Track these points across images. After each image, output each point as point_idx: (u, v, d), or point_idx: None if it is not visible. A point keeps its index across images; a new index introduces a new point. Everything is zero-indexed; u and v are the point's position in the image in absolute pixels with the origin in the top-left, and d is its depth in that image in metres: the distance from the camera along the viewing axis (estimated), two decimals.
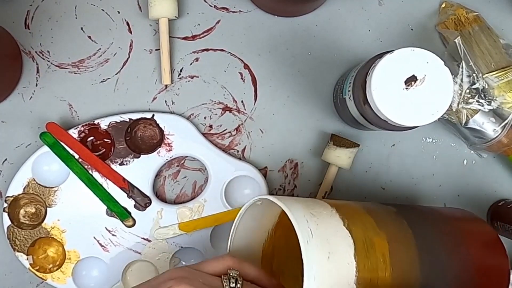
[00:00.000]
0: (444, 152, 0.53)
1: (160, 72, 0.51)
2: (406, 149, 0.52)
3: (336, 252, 0.33)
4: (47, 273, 0.49)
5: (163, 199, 0.52)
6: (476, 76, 0.47)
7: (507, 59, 0.49)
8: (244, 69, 0.52)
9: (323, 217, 0.35)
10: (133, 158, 0.50)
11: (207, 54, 0.52)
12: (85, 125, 0.49)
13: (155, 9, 0.49)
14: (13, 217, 0.49)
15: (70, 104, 0.51)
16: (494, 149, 0.49)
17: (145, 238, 0.50)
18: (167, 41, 0.49)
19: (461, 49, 0.48)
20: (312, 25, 0.52)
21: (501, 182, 0.53)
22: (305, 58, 0.52)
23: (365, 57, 0.49)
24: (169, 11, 0.49)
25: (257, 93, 0.52)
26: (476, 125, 0.48)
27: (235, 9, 0.52)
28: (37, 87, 0.51)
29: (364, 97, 0.40)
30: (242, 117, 0.52)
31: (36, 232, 0.49)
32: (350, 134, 0.52)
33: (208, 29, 0.51)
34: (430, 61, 0.38)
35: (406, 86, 0.38)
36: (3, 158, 0.51)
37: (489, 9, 0.52)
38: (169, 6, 0.49)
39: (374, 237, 0.36)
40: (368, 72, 0.39)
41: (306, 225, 0.33)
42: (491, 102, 0.47)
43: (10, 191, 0.48)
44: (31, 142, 0.51)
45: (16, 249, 0.49)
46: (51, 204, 0.49)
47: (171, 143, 0.50)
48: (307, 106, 0.52)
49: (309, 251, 0.32)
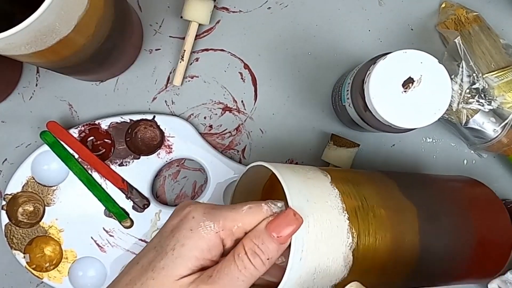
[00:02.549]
0: (444, 152, 0.52)
1: (161, 73, 0.51)
2: (406, 149, 0.52)
3: (322, 203, 0.33)
4: (43, 272, 0.49)
5: (163, 199, 0.52)
6: (476, 76, 0.47)
7: (507, 59, 0.49)
8: (244, 69, 0.52)
9: (314, 178, 0.35)
10: (132, 159, 0.50)
11: (207, 54, 0.52)
12: (85, 125, 0.49)
13: (190, 11, 0.49)
14: (11, 215, 0.49)
15: (70, 104, 0.51)
16: (494, 149, 0.49)
17: (143, 240, 0.50)
18: (191, 44, 0.50)
19: (461, 49, 0.48)
20: (312, 25, 0.52)
21: (501, 182, 0.52)
22: (305, 58, 0.52)
23: (365, 57, 0.49)
24: (201, 17, 0.49)
25: (257, 93, 0.52)
26: (476, 125, 0.48)
27: (235, 9, 0.52)
28: (37, 87, 0.51)
29: (364, 104, 0.40)
30: (242, 117, 0.52)
31: (33, 230, 0.49)
32: (350, 134, 0.51)
33: (208, 29, 0.52)
34: (424, 61, 0.38)
35: (404, 89, 0.38)
36: (3, 158, 0.51)
37: (489, 9, 0.52)
38: (203, 12, 0.49)
39: (368, 200, 0.36)
40: (365, 80, 0.39)
41: (295, 183, 0.33)
42: (491, 102, 0.47)
43: (9, 189, 0.48)
44: (31, 142, 0.51)
45: (13, 247, 0.49)
46: (50, 203, 0.49)
47: (171, 145, 0.50)
48: (307, 106, 0.52)
49: (293, 195, 0.31)
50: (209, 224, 0.30)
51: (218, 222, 0.30)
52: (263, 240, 0.30)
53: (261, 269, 0.30)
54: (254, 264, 0.29)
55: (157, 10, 0.51)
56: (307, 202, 0.32)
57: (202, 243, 0.29)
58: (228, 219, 0.30)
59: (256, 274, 0.29)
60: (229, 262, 0.29)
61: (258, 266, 0.29)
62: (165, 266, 0.29)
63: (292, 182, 0.33)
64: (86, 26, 0.36)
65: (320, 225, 0.32)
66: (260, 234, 0.30)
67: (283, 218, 0.30)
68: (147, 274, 0.29)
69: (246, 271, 0.29)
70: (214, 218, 0.30)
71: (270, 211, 0.31)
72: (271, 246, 0.30)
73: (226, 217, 0.30)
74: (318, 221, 0.32)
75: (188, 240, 0.29)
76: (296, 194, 0.32)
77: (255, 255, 0.29)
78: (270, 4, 0.52)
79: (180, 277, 0.29)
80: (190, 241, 0.29)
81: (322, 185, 0.34)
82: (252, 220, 0.30)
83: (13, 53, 0.34)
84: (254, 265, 0.29)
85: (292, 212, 0.30)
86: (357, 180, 0.38)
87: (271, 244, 0.30)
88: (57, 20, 0.32)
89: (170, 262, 0.29)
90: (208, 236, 0.29)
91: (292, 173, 0.34)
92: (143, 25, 0.51)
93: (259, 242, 0.30)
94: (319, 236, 0.31)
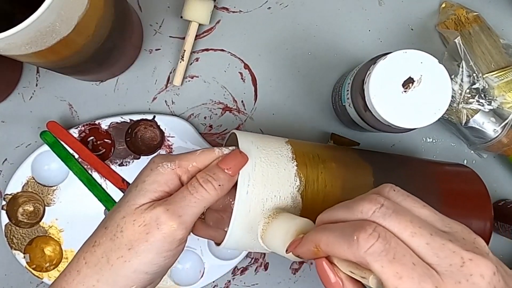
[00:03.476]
0: (444, 152, 0.52)
1: (161, 73, 0.51)
2: (406, 149, 0.52)
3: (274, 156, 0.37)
4: (43, 272, 0.49)
5: None
6: (476, 76, 0.47)
7: (507, 59, 0.49)
8: (244, 69, 0.52)
9: (273, 138, 0.40)
10: (133, 159, 0.50)
11: (207, 54, 0.52)
12: (85, 125, 0.49)
13: (190, 11, 0.49)
14: (11, 215, 0.49)
15: (70, 104, 0.51)
16: (494, 149, 0.49)
17: None
18: (191, 44, 0.50)
19: (461, 49, 0.48)
20: (312, 25, 0.52)
21: (501, 182, 0.53)
22: (305, 58, 0.52)
23: (365, 57, 0.49)
24: (201, 17, 0.49)
25: (257, 93, 0.52)
26: (476, 125, 0.48)
27: (235, 9, 0.52)
28: (37, 87, 0.51)
29: (364, 104, 0.40)
30: (242, 117, 0.52)
31: (33, 230, 0.49)
32: (350, 134, 0.51)
33: (208, 29, 0.52)
34: (424, 61, 0.38)
35: (404, 89, 0.38)
36: (3, 158, 0.51)
37: (489, 9, 0.52)
38: (203, 12, 0.49)
39: (321, 156, 0.40)
40: (365, 80, 0.39)
41: (249, 136, 0.38)
42: (491, 102, 0.47)
43: (9, 189, 0.49)
44: (31, 142, 0.51)
45: (14, 247, 0.49)
46: (50, 203, 0.49)
47: (171, 145, 0.50)
48: (307, 106, 0.52)
49: (243, 142, 0.37)
50: (166, 164, 0.34)
51: (174, 162, 0.34)
52: (214, 171, 0.34)
53: (212, 192, 0.33)
54: (206, 188, 0.33)
55: (157, 10, 0.51)
56: (256, 149, 0.36)
57: (160, 177, 0.34)
58: (183, 159, 0.35)
59: (207, 197, 0.33)
60: (183, 189, 0.33)
61: (210, 190, 0.33)
62: (129, 200, 0.33)
63: (247, 136, 0.38)
64: (86, 26, 0.36)
65: (267, 166, 0.36)
66: (212, 168, 0.34)
67: (232, 155, 0.35)
68: (115, 210, 0.33)
69: (198, 194, 0.33)
70: (171, 159, 0.34)
71: (221, 152, 0.35)
72: (222, 175, 0.34)
73: (181, 158, 0.35)
74: (265, 162, 0.36)
75: (148, 178, 0.34)
76: (246, 142, 0.37)
77: (207, 181, 0.33)
78: (270, 4, 0.52)
79: (141, 204, 0.33)
80: (150, 178, 0.34)
81: (277, 141, 0.39)
82: (205, 159, 0.35)
83: (13, 53, 0.34)
84: (206, 188, 0.33)
85: (239, 151, 0.35)
86: (317, 146, 0.42)
87: (222, 173, 0.34)
88: (57, 20, 0.32)
89: (133, 196, 0.33)
90: (165, 172, 0.34)
91: (252, 134, 0.39)
92: (143, 25, 0.51)
93: (211, 173, 0.34)
94: (265, 175, 0.35)
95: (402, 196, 0.28)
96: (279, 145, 0.38)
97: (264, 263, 0.52)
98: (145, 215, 0.32)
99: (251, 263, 0.52)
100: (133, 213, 0.32)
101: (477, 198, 0.43)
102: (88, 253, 0.32)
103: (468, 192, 0.44)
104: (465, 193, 0.44)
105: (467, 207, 0.43)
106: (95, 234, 0.33)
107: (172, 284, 0.49)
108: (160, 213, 0.31)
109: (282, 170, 0.36)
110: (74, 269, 0.32)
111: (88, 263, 0.32)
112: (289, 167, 0.37)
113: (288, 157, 0.38)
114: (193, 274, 0.50)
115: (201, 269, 0.50)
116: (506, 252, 0.52)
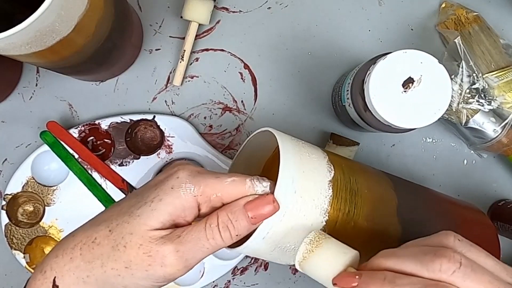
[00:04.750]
0: (444, 152, 0.52)
1: (161, 73, 0.51)
2: (406, 149, 0.52)
3: (312, 171, 0.33)
4: None
5: None
6: (476, 76, 0.47)
7: (507, 59, 0.49)
8: (244, 69, 0.52)
9: (315, 170, 0.35)
10: (132, 159, 0.50)
11: (207, 54, 0.52)
12: (85, 125, 0.49)
13: (190, 11, 0.49)
14: (11, 215, 0.49)
15: (70, 104, 0.51)
16: (494, 149, 0.49)
17: None
18: (191, 44, 0.50)
19: (461, 49, 0.48)
20: (312, 25, 0.52)
21: (501, 182, 0.53)
22: (305, 58, 0.52)
23: (365, 57, 0.49)
24: (201, 17, 0.50)
25: (257, 93, 0.52)
26: (476, 125, 0.48)
27: (235, 9, 0.52)
28: (37, 87, 0.51)
29: (364, 104, 0.40)
30: (242, 117, 0.52)
31: (33, 230, 0.49)
32: (350, 134, 0.51)
33: (208, 29, 0.52)
34: (424, 61, 0.38)
35: (404, 89, 0.38)
36: (3, 158, 0.51)
37: (489, 9, 0.52)
38: (203, 12, 0.49)
39: (354, 178, 0.36)
40: (365, 80, 0.39)
41: (292, 171, 0.33)
42: (491, 102, 0.47)
43: (9, 189, 0.48)
44: (31, 142, 0.51)
45: (13, 247, 0.49)
46: (50, 203, 0.49)
47: (171, 145, 0.50)
48: (307, 106, 0.52)
49: (282, 185, 0.32)
50: (190, 187, 0.31)
51: (199, 187, 0.31)
52: (237, 217, 0.31)
53: (227, 242, 0.31)
54: (223, 236, 0.30)
55: (157, 10, 0.51)
56: (294, 193, 0.32)
57: (178, 202, 0.31)
58: (209, 186, 0.31)
59: (221, 245, 0.31)
60: (200, 228, 0.30)
61: (226, 239, 0.31)
62: (140, 214, 0.30)
63: (290, 168, 0.32)
64: (86, 26, 0.36)
65: (295, 220, 0.32)
66: (236, 210, 0.31)
67: (263, 203, 0.31)
68: (123, 217, 0.31)
69: (213, 241, 0.30)
70: (197, 182, 0.31)
71: (252, 188, 0.31)
72: (243, 224, 0.31)
73: (208, 184, 0.31)
74: (293, 216, 0.32)
75: (166, 196, 0.31)
76: (286, 184, 0.32)
77: (226, 229, 0.30)
78: (270, 4, 0.52)
79: (152, 228, 0.30)
80: (168, 197, 0.31)
81: (319, 180, 0.34)
82: (232, 192, 0.31)
83: (13, 53, 0.34)
84: (223, 237, 0.30)
85: (272, 200, 0.31)
86: (356, 170, 0.38)
87: (244, 222, 0.31)
88: (57, 20, 0.32)
89: (145, 212, 0.30)
90: (186, 197, 0.31)
91: (294, 158, 0.33)
92: (143, 25, 0.51)
93: (233, 218, 0.31)
94: (289, 227, 0.32)
95: (467, 247, 0.27)
96: (320, 188, 0.34)
97: (264, 263, 0.52)
98: (153, 246, 0.30)
99: (251, 263, 0.52)
100: (141, 235, 0.30)
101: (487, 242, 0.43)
102: (86, 245, 0.31)
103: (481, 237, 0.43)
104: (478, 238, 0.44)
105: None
106: (98, 229, 0.31)
107: (172, 284, 0.49)
108: (169, 253, 0.29)
109: (309, 225, 0.33)
110: (67, 254, 0.31)
111: (83, 256, 0.30)
112: (318, 222, 0.33)
113: (323, 209, 0.33)
114: (193, 274, 0.50)
115: (201, 269, 0.50)
116: (506, 252, 0.52)
